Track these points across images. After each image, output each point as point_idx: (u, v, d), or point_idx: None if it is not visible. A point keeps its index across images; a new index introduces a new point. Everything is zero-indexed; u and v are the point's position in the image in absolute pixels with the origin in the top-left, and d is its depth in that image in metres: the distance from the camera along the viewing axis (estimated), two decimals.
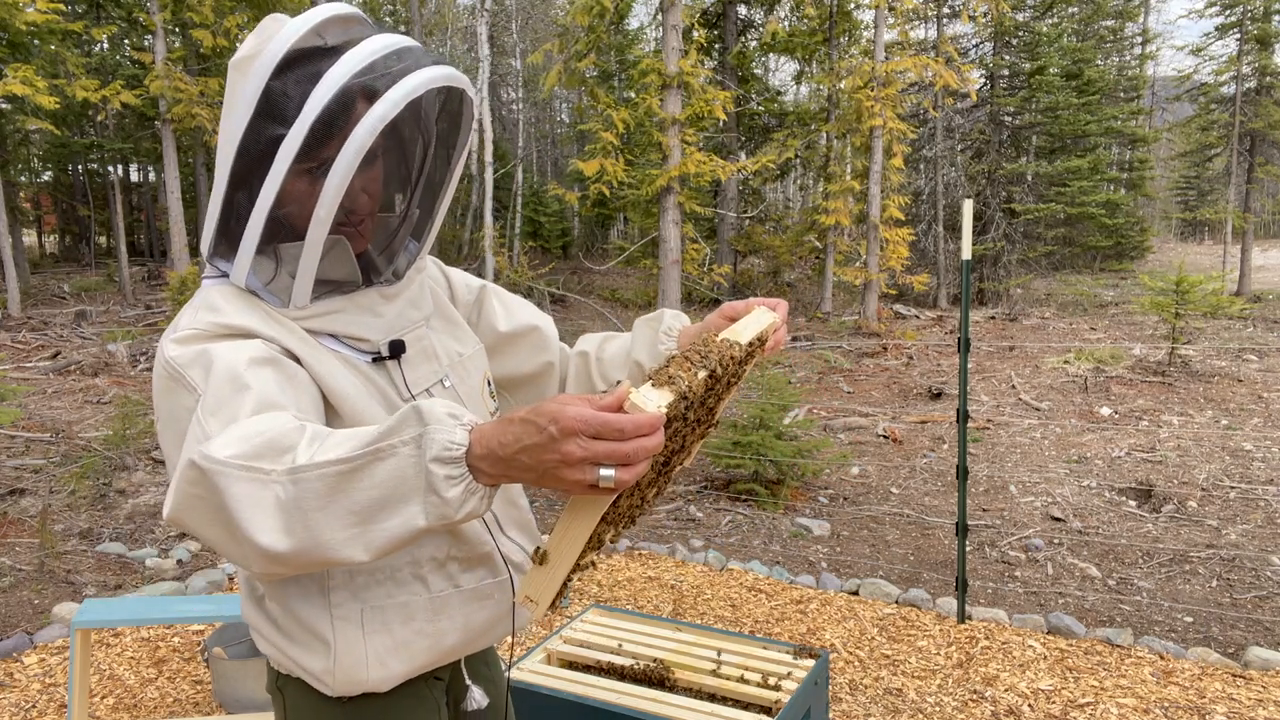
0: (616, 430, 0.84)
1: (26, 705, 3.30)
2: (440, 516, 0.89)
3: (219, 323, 1.13)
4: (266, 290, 1.18)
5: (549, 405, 0.86)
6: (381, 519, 0.89)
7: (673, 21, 11.83)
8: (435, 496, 0.88)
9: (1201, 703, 3.34)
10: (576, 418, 0.83)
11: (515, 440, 0.86)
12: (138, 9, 18.18)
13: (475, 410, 1.35)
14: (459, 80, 1.17)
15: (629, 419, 0.85)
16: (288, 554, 0.90)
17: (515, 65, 25.18)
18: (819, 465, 6.40)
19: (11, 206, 16.93)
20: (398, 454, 0.88)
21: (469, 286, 1.50)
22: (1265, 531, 5.30)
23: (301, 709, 1.28)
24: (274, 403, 1.03)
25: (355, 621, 1.21)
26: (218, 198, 1.17)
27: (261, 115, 1.11)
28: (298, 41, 1.12)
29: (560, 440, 0.84)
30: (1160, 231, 35.83)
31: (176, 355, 1.09)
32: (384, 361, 1.25)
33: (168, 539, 5.08)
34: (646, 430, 0.86)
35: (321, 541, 0.90)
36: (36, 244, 29.21)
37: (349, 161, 1.08)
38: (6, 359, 10.62)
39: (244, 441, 0.92)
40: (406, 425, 0.89)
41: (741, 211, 18.96)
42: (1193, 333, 12.66)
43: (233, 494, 0.90)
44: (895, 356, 12.19)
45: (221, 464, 0.91)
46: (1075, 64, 21.08)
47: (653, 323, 1.47)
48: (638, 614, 3.12)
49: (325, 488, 0.89)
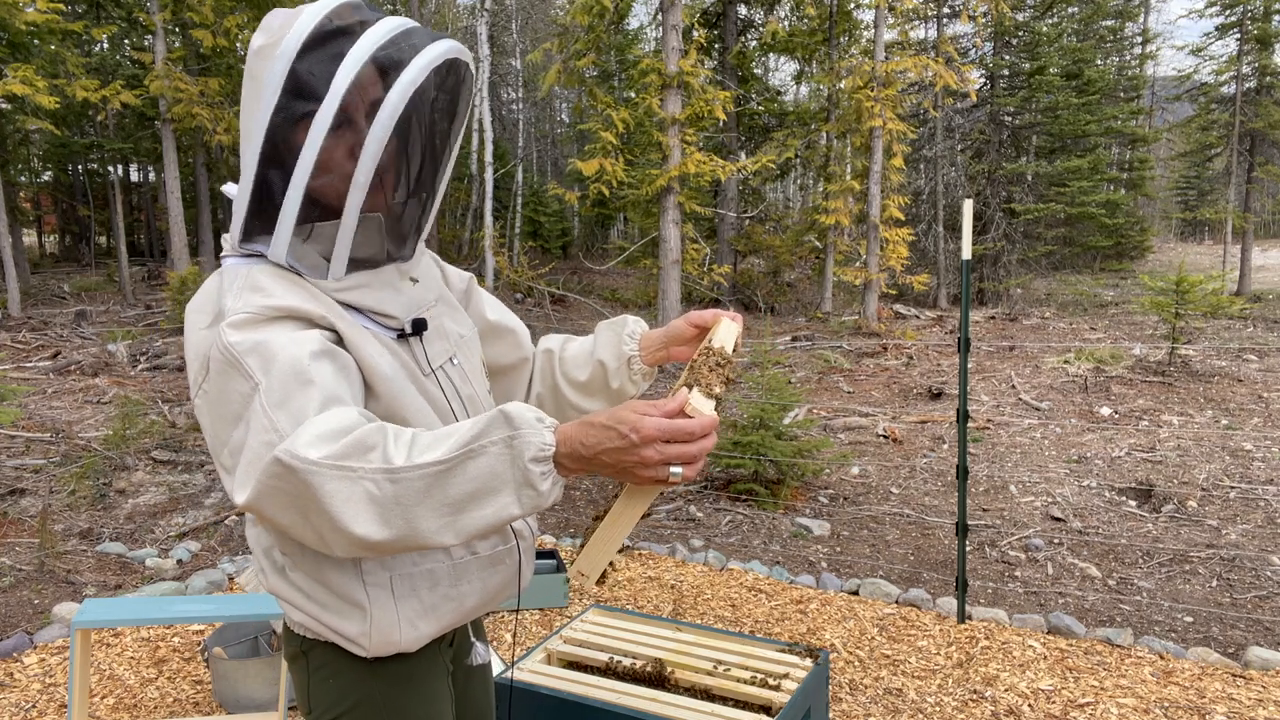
0: (687, 434, 1.02)
1: (26, 705, 3.30)
2: (534, 506, 1.04)
3: (269, 305, 1.17)
4: (306, 267, 1.24)
5: (629, 415, 1.02)
6: (473, 509, 1.03)
7: (673, 21, 11.83)
8: (531, 490, 1.03)
9: (1201, 703, 3.34)
10: (655, 428, 1.01)
11: (598, 443, 1.03)
12: (138, 9, 18.17)
13: (478, 387, 1.46)
14: (465, 53, 1.27)
15: (697, 423, 1.03)
16: (384, 542, 1.02)
17: (515, 65, 25.17)
18: (819, 465, 6.40)
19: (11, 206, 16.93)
20: (488, 452, 1.01)
21: (460, 276, 1.61)
22: (1265, 531, 5.30)
23: (326, 670, 1.36)
24: (337, 397, 1.11)
25: (386, 588, 1.29)
26: (248, 181, 1.22)
27: (290, 94, 1.18)
28: (319, 26, 1.19)
29: (641, 446, 1.01)
30: (1160, 231, 35.82)
31: (236, 341, 1.13)
32: (407, 338, 1.33)
33: (168, 539, 5.08)
34: (709, 430, 1.04)
35: (418, 530, 1.02)
36: (36, 244, 29.20)
37: (384, 125, 1.16)
38: (6, 359, 10.61)
39: (330, 441, 1.02)
40: (496, 427, 1.02)
41: (741, 211, 18.95)
42: (1193, 333, 12.66)
43: (326, 491, 1.01)
44: (895, 356, 12.18)
45: (315, 464, 1.01)
46: (1075, 64, 21.07)
47: (616, 327, 1.58)
48: (638, 614, 3.12)
49: (424, 485, 1.01)
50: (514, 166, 22.08)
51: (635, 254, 16.81)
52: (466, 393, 1.41)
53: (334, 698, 1.37)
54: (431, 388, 1.34)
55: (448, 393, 1.36)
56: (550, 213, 24.54)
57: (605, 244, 29.81)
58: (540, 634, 3.93)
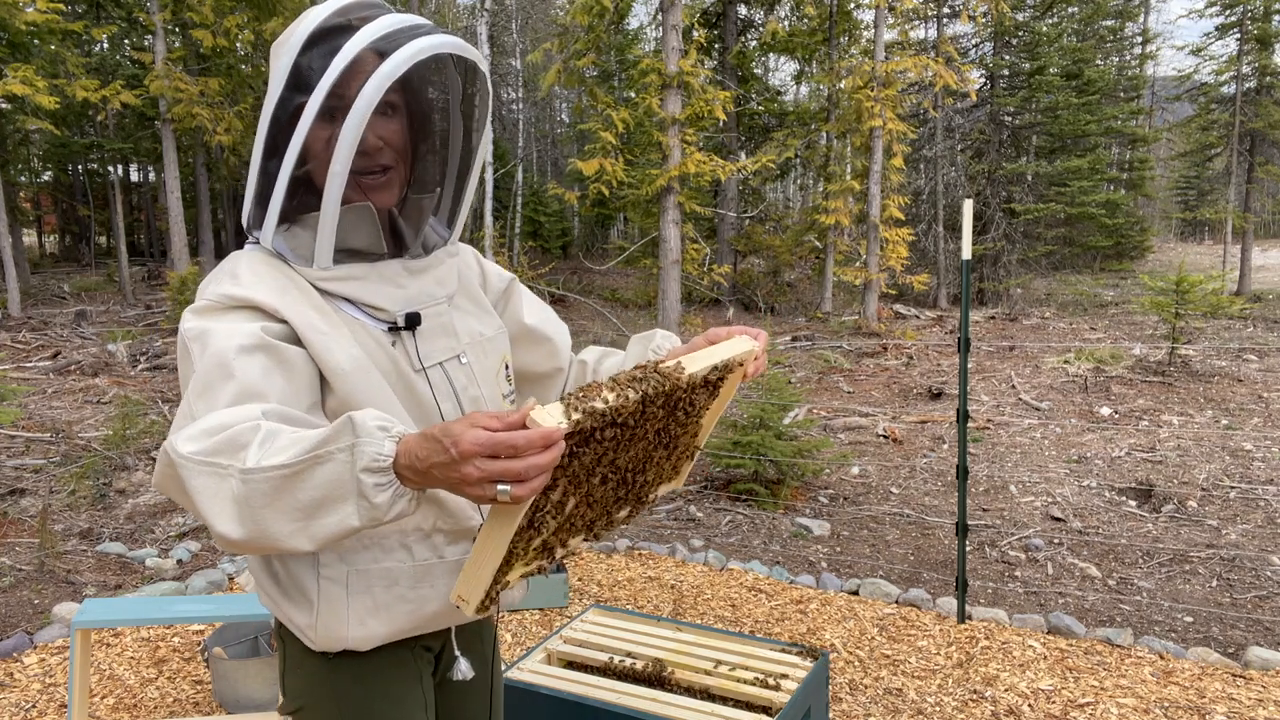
0: (511, 448, 0.90)
1: (26, 705, 3.30)
2: (371, 519, 0.98)
3: (230, 294, 1.20)
4: (293, 253, 1.27)
5: (455, 426, 0.93)
6: (321, 516, 0.99)
7: (673, 21, 11.83)
8: (366, 501, 0.97)
9: (1201, 703, 3.34)
10: (473, 441, 0.90)
11: (428, 456, 0.94)
12: (138, 9, 18.17)
13: (488, 389, 1.43)
14: (465, 50, 1.26)
15: (522, 436, 0.90)
16: (241, 541, 1.01)
17: (515, 65, 25.17)
18: (819, 465, 6.40)
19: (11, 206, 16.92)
20: (334, 459, 0.97)
21: (500, 276, 1.59)
22: (1265, 531, 5.30)
23: (294, 658, 1.38)
24: (255, 392, 1.12)
25: (341, 582, 1.28)
26: (253, 171, 1.27)
27: (290, 88, 1.22)
28: (323, 22, 1.23)
29: (460, 462, 0.91)
30: (1160, 231, 35.82)
31: (189, 328, 1.19)
32: (399, 332, 1.31)
33: (168, 539, 5.08)
34: (539, 444, 0.91)
35: (269, 532, 1.00)
36: (36, 244, 29.20)
37: (360, 113, 1.17)
38: (6, 359, 10.62)
39: (206, 437, 1.03)
40: (342, 434, 0.97)
41: (741, 211, 18.95)
42: (1193, 333, 12.66)
43: (194, 486, 1.01)
44: (895, 356, 12.19)
45: (185, 459, 1.02)
46: (1075, 64, 21.07)
47: (645, 340, 1.57)
48: (638, 614, 3.12)
49: (271, 488, 0.98)
50: (514, 166, 22.09)
51: (635, 254, 16.81)
52: (473, 394, 1.39)
53: (301, 687, 1.37)
54: (419, 385, 1.32)
55: (439, 392, 1.34)
56: (550, 213, 24.54)
57: (605, 244, 29.81)
58: (540, 634, 3.93)
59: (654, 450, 1.33)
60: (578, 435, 1.06)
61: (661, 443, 1.34)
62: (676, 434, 1.37)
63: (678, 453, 1.44)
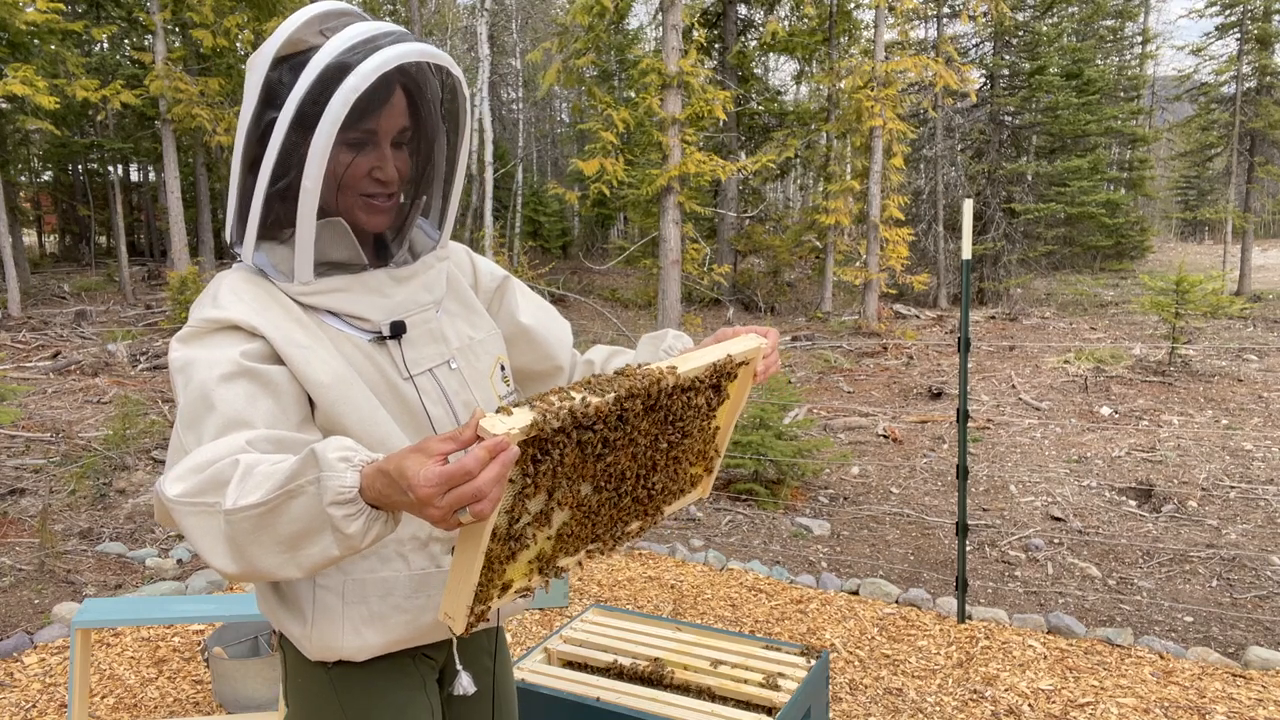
0: (465, 474, 0.88)
1: (26, 705, 3.30)
2: (349, 548, 0.98)
3: (210, 318, 1.21)
4: (274, 269, 1.26)
5: (408, 463, 0.90)
6: (304, 547, 0.99)
7: (673, 21, 11.83)
8: (339, 533, 0.97)
9: (1201, 702, 3.34)
10: (426, 483, 0.88)
11: (390, 495, 0.94)
12: (138, 9, 18.17)
13: (481, 392, 1.41)
14: (434, 56, 1.24)
15: (473, 458, 0.89)
16: (238, 574, 1.03)
17: (515, 65, 25.19)
18: (819, 465, 6.40)
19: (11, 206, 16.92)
20: (306, 492, 0.96)
21: (493, 275, 1.56)
22: (1265, 531, 5.30)
23: (294, 666, 1.37)
24: (240, 420, 1.13)
25: (337, 592, 1.27)
26: (233, 188, 1.27)
27: (263, 104, 1.22)
28: (293, 34, 1.22)
29: (420, 505, 0.90)
30: (1160, 231, 35.80)
31: (174, 359, 1.20)
32: (385, 341, 1.31)
33: (168, 539, 5.08)
34: (490, 454, 0.89)
35: (258, 567, 1.01)
36: (36, 244, 29.18)
37: (326, 131, 1.16)
38: (6, 359, 10.61)
39: (192, 475, 1.04)
40: (307, 468, 0.97)
41: (741, 211, 18.95)
42: (1193, 332, 12.65)
43: (186, 526, 1.04)
44: (895, 356, 12.18)
45: (174, 501, 1.04)
46: (1075, 64, 21.06)
47: (656, 340, 1.54)
48: (638, 614, 3.12)
49: (252, 526, 0.99)
50: (514, 166, 22.09)
51: (635, 254, 16.81)
52: (465, 398, 1.37)
53: (302, 697, 1.36)
54: (408, 393, 1.31)
55: (429, 398, 1.33)
56: (550, 212, 24.55)
57: (605, 244, 29.80)
58: (540, 634, 3.93)
59: (656, 456, 1.28)
60: (543, 439, 1.03)
61: (663, 449, 1.29)
62: (681, 439, 1.32)
63: (691, 460, 1.38)
